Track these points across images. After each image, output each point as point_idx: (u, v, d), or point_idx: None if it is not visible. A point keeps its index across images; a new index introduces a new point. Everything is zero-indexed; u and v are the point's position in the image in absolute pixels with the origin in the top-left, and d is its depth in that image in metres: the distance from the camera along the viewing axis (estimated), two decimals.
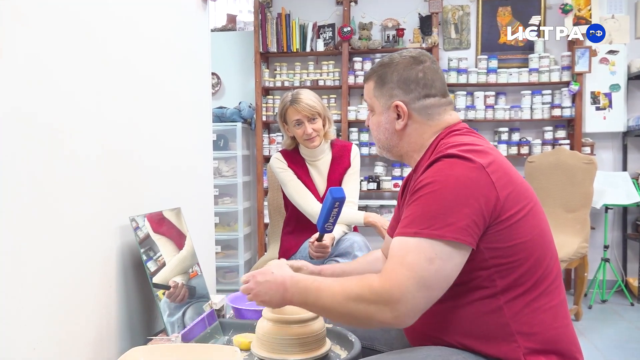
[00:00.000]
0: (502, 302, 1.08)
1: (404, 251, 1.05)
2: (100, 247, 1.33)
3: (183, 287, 1.64)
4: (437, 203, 1.05)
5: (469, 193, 1.04)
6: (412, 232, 1.05)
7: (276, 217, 2.87)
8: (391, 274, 1.04)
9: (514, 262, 1.08)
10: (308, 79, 4.26)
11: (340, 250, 2.13)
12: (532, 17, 4.18)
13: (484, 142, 1.18)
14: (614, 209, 3.98)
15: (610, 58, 3.96)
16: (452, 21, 4.24)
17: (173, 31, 1.83)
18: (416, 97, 1.22)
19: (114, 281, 1.39)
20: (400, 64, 1.24)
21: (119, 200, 1.42)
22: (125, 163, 1.46)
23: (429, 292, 1.03)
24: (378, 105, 1.27)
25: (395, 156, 1.31)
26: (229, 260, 4.17)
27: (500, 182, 1.07)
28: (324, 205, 1.74)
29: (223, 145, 4.18)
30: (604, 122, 3.99)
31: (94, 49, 1.32)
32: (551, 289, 1.11)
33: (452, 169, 1.07)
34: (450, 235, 1.02)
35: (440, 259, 1.02)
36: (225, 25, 4.67)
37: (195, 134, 2.02)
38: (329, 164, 2.36)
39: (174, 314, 1.57)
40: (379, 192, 4.28)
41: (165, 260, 1.55)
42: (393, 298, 1.01)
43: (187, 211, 1.75)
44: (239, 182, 4.15)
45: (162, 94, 1.71)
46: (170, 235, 1.68)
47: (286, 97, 2.28)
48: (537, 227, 1.12)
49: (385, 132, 1.27)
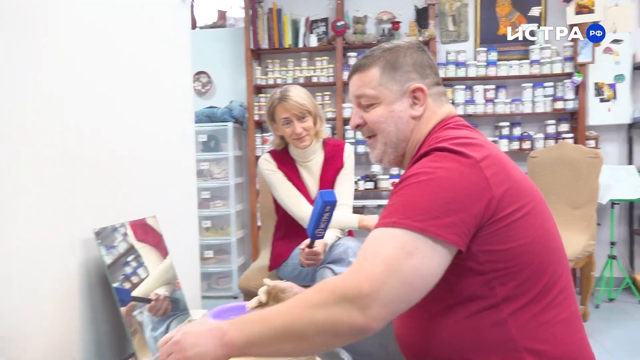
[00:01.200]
0: (505, 314, 0.95)
1: (379, 244, 0.90)
2: (61, 263, 1.19)
3: (166, 299, 1.52)
4: (422, 194, 0.92)
5: (459, 188, 0.92)
6: (391, 222, 0.91)
7: (268, 221, 2.73)
8: (359, 267, 0.88)
9: (513, 267, 0.95)
10: (301, 76, 4.12)
11: (333, 257, 1.99)
12: (532, 9, 4.04)
13: (479, 135, 1.07)
14: (620, 204, 3.84)
15: (615, 48, 3.81)
16: (450, 13, 4.10)
17: (151, 28, 1.70)
18: (431, 83, 1.14)
19: (77, 302, 1.24)
20: (410, 48, 1.14)
21: (82, 209, 1.28)
22: (91, 167, 1.32)
23: (407, 289, 0.87)
24: (388, 94, 1.12)
25: (398, 156, 1.17)
26: (222, 266, 4.03)
27: (495, 178, 0.94)
28: (314, 210, 1.61)
29: (214, 146, 4.05)
30: (608, 114, 3.85)
31: (61, 46, 1.18)
32: (560, 300, 0.98)
33: (442, 162, 0.95)
34: (433, 230, 0.89)
35: (421, 254, 0.88)
36: (215, 22, 4.53)
37: (176, 135, 1.88)
38: (321, 165, 2.22)
39: (157, 328, 1.45)
40: (376, 192, 4.14)
41: (148, 270, 1.43)
42: (362, 292, 0.84)
43: (167, 218, 1.61)
44: (230, 184, 4.01)
45: (138, 90, 1.58)
46: (153, 243, 1.56)
47: (274, 94, 2.14)
48: (540, 228, 0.99)
49: (398, 121, 1.12)
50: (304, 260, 1.94)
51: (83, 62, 1.30)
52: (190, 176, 2.01)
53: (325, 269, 1.96)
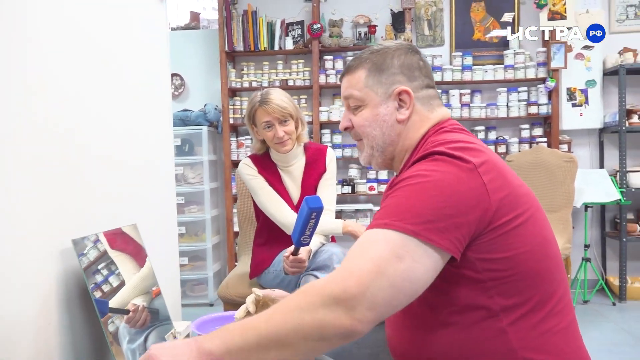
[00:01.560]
0: (504, 324, 0.92)
1: (369, 244, 0.87)
2: (37, 276, 1.11)
3: (144, 310, 1.44)
4: (416, 197, 0.89)
5: (456, 193, 0.89)
6: (382, 223, 0.88)
7: (246, 226, 2.66)
8: (346, 267, 0.85)
9: (512, 275, 0.93)
10: (277, 79, 4.07)
11: (317, 264, 1.94)
12: (504, 14, 4.09)
13: (476, 139, 1.04)
14: (593, 207, 3.90)
15: (586, 53, 3.88)
16: (425, 17, 4.11)
17: (128, 29, 1.62)
18: (420, 86, 1.10)
19: (55, 316, 1.16)
20: (399, 50, 1.10)
21: (60, 219, 1.20)
22: (68, 174, 1.24)
23: (394, 292, 0.84)
24: (373, 96, 1.09)
25: (386, 159, 1.14)
26: (197, 273, 3.92)
27: (493, 185, 0.91)
28: (299, 216, 1.56)
29: (188, 150, 3.95)
30: (580, 118, 3.92)
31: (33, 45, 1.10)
32: (559, 308, 0.96)
33: (438, 167, 0.92)
34: (425, 235, 0.86)
35: (412, 258, 0.85)
36: (188, 23, 4.43)
37: (155, 140, 1.80)
38: (303, 169, 2.17)
39: (135, 339, 1.37)
40: (353, 196, 4.11)
41: (124, 280, 1.35)
42: (348, 293, 0.80)
43: (146, 226, 1.53)
44: (205, 189, 3.91)
45: (115, 95, 1.50)
46: (130, 251, 1.48)
47: (255, 97, 2.08)
48: (538, 235, 0.96)
49: (383, 125, 1.09)
50: (289, 268, 1.89)
51: (57, 66, 1.23)
52: (169, 181, 1.94)
53: (310, 276, 1.92)
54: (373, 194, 4.03)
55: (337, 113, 4.04)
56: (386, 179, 4.04)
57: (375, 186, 4.01)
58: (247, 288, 2.20)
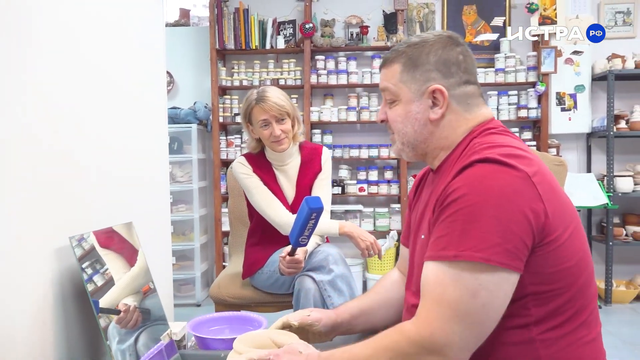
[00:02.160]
0: (534, 334, 0.91)
1: (440, 287, 0.87)
2: (32, 275, 1.07)
3: (135, 310, 1.40)
4: (477, 220, 0.85)
5: (516, 207, 0.85)
6: (450, 256, 0.86)
7: (238, 226, 2.62)
8: (429, 316, 0.86)
9: (556, 290, 0.90)
10: (268, 78, 4.04)
11: (313, 264, 1.91)
12: (495, 18, 4.11)
13: (523, 144, 0.99)
14: (580, 210, 3.94)
15: (575, 59, 3.92)
16: (417, 19, 4.11)
17: (125, 25, 1.59)
18: (457, 83, 1.03)
19: (50, 316, 1.12)
20: (437, 43, 1.04)
21: (56, 217, 1.16)
22: (65, 172, 1.20)
23: (479, 329, 0.86)
24: (407, 92, 1.05)
25: (418, 155, 1.10)
26: (184, 272, 3.87)
27: (546, 196, 0.88)
28: (298, 217, 1.54)
29: (177, 149, 3.89)
30: (569, 123, 3.95)
31: (31, 41, 1.06)
32: (590, 320, 0.94)
33: (493, 178, 0.87)
34: (496, 260, 0.84)
35: (486, 289, 0.84)
36: (177, 20, 4.38)
37: (150, 138, 1.77)
38: (298, 169, 2.15)
39: (125, 340, 1.33)
40: (343, 197, 4.10)
41: (114, 279, 1.31)
42: (437, 345, 0.86)
43: (140, 224, 1.50)
44: (194, 188, 3.87)
45: (110, 91, 1.46)
46: (120, 250, 1.44)
47: (251, 95, 2.05)
48: (581, 249, 0.94)
49: (415, 123, 1.05)
50: (285, 268, 1.86)
51: (52, 65, 1.19)
52: (163, 180, 1.90)
53: (305, 276, 1.89)
54: (363, 194, 4.02)
55: (328, 113, 4.02)
56: (376, 180, 4.03)
57: (365, 187, 4.00)
58: (239, 288, 2.17)
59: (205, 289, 4.00)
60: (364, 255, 2.03)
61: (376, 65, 4.01)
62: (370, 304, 1.25)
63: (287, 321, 1.21)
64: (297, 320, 1.19)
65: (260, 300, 2.13)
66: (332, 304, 1.81)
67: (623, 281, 3.92)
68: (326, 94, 4.15)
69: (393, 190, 4.02)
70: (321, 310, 1.23)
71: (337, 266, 1.90)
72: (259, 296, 2.13)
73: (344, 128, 4.20)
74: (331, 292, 1.83)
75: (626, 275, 3.98)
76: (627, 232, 3.91)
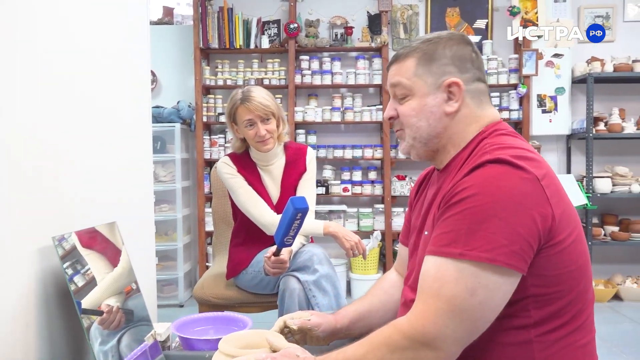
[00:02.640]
0: (533, 336, 0.92)
1: (440, 282, 0.87)
2: (14, 275, 1.05)
3: (119, 311, 1.39)
4: (486, 220, 0.86)
5: (524, 210, 0.86)
6: (456, 253, 0.87)
7: (222, 226, 2.61)
8: (424, 310, 0.88)
9: (557, 292, 0.92)
10: (252, 78, 4.02)
11: (298, 264, 1.92)
12: (477, 20, 4.16)
13: (531, 147, 1.00)
14: None
15: (556, 61, 3.99)
16: (401, 21, 4.14)
17: (109, 23, 1.56)
18: (471, 79, 1.05)
19: (33, 317, 1.11)
20: (452, 40, 1.06)
21: (38, 217, 1.14)
22: (48, 171, 1.19)
23: (473, 325, 0.87)
24: (422, 86, 1.05)
25: (428, 151, 1.10)
26: (167, 273, 3.84)
27: (554, 200, 0.90)
28: (283, 217, 1.54)
29: (160, 148, 3.86)
30: (550, 124, 4.02)
31: (15, 39, 1.05)
32: (586, 324, 0.96)
33: (503, 178, 0.88)
34: (501, 260, 0.85)
35: (485, 288, 0.85)
36: (161, 18, 4.34)
37: (134, 137, 1.75)
38: (283, 169, 2.15)
39: (108, 341, 1.31)
40: (327, 197, 4.10)
41: (96, 279, 1.29)
42: (429, 337, 0.87)
43: (124, 224, 1.48)
44: (177, 188, 3.84)
45: (94, 90, 1.44)
46: (103, 251, 1.43)
47: (236, 94, 2.05)
48: (584, 254, 0.95)
49: (430, 116, 1.05)
50: (270, 268, 1.86)
51: (33, 64, 1.17)
52: (147, 179, 1.88)
53: (290, 276, 1.89)
54: (347, 195, 4.03)
55: (312, 113, 4.02)
56: (360, 180, 4.05)
57: (349, 187, 4.01)
58: (223, 289, 2.16)
59: (188, 290, 3.97)
60: (348, 255, 2.03)
61: (360, 65, 4.03)
62: (368, 307, 1.25)
63: (286, 324, 1.20)
64: (296, 325, 1.18)
65: (245, 300, 2.13)
66: (317, 304, 1.82)
67: (602, 280, 3.99)
68: (310, 94, 4.15)
69: (377, 191, 4.04)
70: (321, 315, 1.22)
71: (322, 266, 1.91)
72: (243, 296, 2.13)
73: (328, 128, 4.21)
74: (316, 292, 1.84)
75: (605, 274, 4.05)
76: (606, 232, 3.98)
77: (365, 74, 4.02)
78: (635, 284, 3.88)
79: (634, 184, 3.88)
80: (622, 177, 3.91)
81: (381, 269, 4.02)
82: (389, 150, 3.98)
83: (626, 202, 4.06)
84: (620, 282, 3.92)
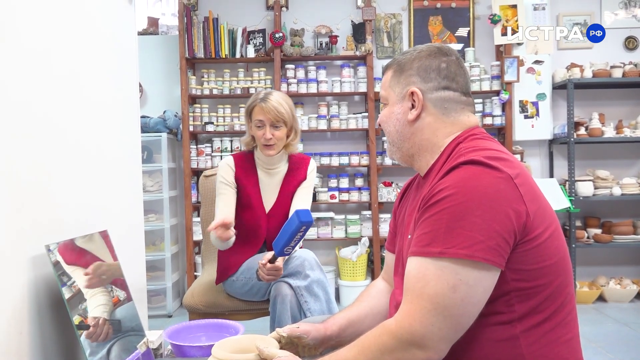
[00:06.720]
0: (518, 331, 0.95)
1: (422, 282, 0.91)
2: (7, 284, 1.06)
3: (105, 323, 1.38)
4: (462, 218, 0.90)
5: (499, 207, 0.90)
6: (435, 252, 0.90)
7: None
8: (409, 310, 0.91)
9: (537, 286, 0.95)
10: (238, 87, 4.04)
11: (290, 270, 1.93)
12: (459, 29, 4.23)
13: (506, 149, 1.05)
14: None
15: (536, 68, 4.07)
16: (385, 29, 4.20)
17: (96, 34, 1.57)
18: (434, 87, 1.10)
19: (26, 325, 1.11)
20: (424, 52, 1.12)
21: (31, 225, 1.14)
22: (39, 180, 1.19)
23: (457, 321, 0.90)
24: (393, 96, 1.14)
25: (406, 156, 1.16)
26: (155, 283, 3.81)
27: (528, 197, 0.94)
28: (287, 227, 1.55)
29: (147, 158, 3.86)
30: (532, 130, 4.09)
31: (2, 48, 1.06)
32: (568, 320, 0.99)
33: (477, 178, 0.92)
34: (479, 256, 0.88)
35: (466, 284, 0.89)
36: (146, 29, 4.35)
37: (123, 146, 1.75)
38: (284, 176, 2.17)
39: (97, 352, 1.31)
40: (314, 204, 4.12)
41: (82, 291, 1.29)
42: (416, 336, 0.90)
43: (114, 232, 1.49)
44: (165, 198, 3.83)
45: (83, 100, 1.45)
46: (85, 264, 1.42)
47: (259, 93, 2.12)
48: (561, 249, 0.99)
49: (396, 123, 1.13)
50: (265, 275, 1.86)
51: (23, 72, 1.18)
52: (136, 189, 1.89)
53: (282, 282, 1.90)
54: (334, 202, 4.05)
55: (299, 121, 4.04)
56: (347, 187, 4.08)
57: (336, 194, 4.04)
58: (213, 296, 2.16)
59: (176, 300, 3.95)
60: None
61: (345, 74, 4.07)
62: (357, 313, 1.27)
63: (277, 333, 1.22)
64: (286, 332, 1.20)
65: (235, 308, 2.13)
66: (309, 309, 1.83)
67: (586, 282, 4.05)
68: (296, 103, 4.18)
69: (364, 197, 4.07)
70: (310, 324, 1.24)
71: (313, 271, 1.93)
72: (233, 304, 2.13)
73: (315, 136, 4.24)
74: (308, 297, 1.85)
75: (589, 276, 4.12)
76: (589, 234, 4.05)
77: (350, 82, 4.06)
78: (618, 285, 3.95)
79: (615, 187, 3.96)
80: (604, 181, 3.99)
81: (369, 275, 4.04)
82: (375, 157, 4.02)
83: (608, 204, 4.14)
84: (604, 283, 3.99)
